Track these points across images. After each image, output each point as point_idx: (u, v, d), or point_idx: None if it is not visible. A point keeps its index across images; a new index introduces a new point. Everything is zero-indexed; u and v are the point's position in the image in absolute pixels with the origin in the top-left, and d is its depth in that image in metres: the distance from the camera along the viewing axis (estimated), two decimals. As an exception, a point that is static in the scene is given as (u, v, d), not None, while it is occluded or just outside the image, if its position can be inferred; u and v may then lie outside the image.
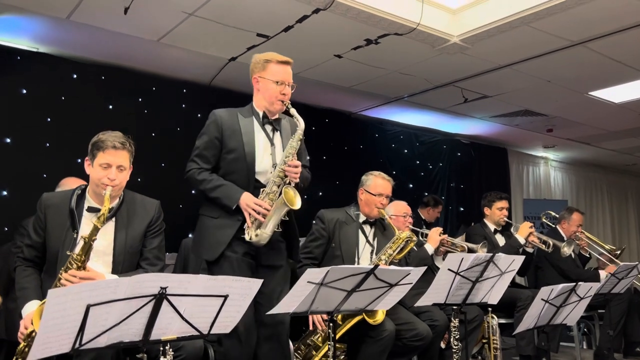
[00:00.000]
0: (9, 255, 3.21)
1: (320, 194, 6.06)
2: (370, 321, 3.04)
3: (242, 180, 2.71)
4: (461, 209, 7.69)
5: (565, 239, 4.96)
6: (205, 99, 5.48)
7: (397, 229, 3.44)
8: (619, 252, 5.00)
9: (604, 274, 4.59)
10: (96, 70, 4.96)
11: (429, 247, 3.96)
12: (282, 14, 4.03)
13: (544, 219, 5.65)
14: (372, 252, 3.44)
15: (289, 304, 2.23)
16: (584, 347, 5.23)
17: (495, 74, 5.19)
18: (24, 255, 2.46)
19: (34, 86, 4.62)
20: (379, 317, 3.05)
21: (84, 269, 2.25)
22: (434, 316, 3.49)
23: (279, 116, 2.84)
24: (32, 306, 2.28)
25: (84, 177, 2.57)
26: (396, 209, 4.14)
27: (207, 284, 1.82)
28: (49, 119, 4.68)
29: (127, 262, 2.46)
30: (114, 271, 2.42)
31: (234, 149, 2.72)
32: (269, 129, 2.79)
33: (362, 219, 3.50)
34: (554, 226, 5.21)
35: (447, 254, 3.85)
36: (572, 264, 4.85)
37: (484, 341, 3.80)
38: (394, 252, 3.34)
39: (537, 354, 4.11)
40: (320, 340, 3.13)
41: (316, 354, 3.10)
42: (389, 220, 3.44)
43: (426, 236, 4.12)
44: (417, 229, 4.26)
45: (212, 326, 1.90)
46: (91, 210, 2.43)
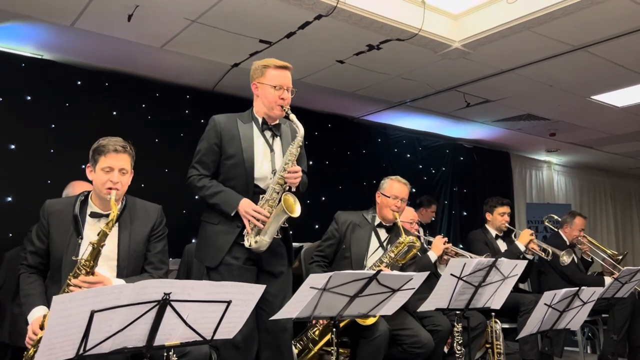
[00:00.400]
0: (17, 260, 3.22)
1: (323, 198, 6.07)
2: (360, 321, 3.03)
3: (241, 186, 2.72)
4: (464, 213, 7.68)
5: (567, 243, 4.96)
6: (208, 104, 5.49)
7: (406, 234, 3.45)
8: (620, 257, 4.99)
9: (608, 280, 4.58)
10: (100, 76, 4.98)
11: (432, 255, 3.96)
12: (285, 21, 4.05)
13: (546, 223, 5.66)
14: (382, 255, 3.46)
15: (291, 309, 2.23)
16: (588, 351, 5.22)
17: (497, 78, 5.19)
18: (27, 262, 2.48)
19: (38, 93, 4.65)
20: (370, 318, 3.04)
21: (92, 275, 2.28)
22: (436, 321, 3.50)
23: (278, 121, 2.85)
24: (38, 312, 2.30)
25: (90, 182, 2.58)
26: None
27: (211, 289, 1.83)
28: (53, 126, 4.70)
29: (131, 266, 2.48)
30: (118, 275, 2.45)
31: (233, 154, 2.73)
32: (268, 134, 2.80)
33: (377, 222, 3.53)
34: (556, 230, 5.20)
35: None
36: (575, 268, 4.85)
37: (488, 346, 3.80)
38: (396, 255, 3.35)
39: (541, 359, 4.10)
40: (317, 334, 3.17)
41: (314, 347, 3.16)
42: (400, 224, 3.45)
43: (430, 243, 4.12)
44: (422, 236, 4.27)
45: (215, 332, 1.91)
46: (94, 215, 2.46)
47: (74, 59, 4.80)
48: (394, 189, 3.50)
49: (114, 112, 5.03)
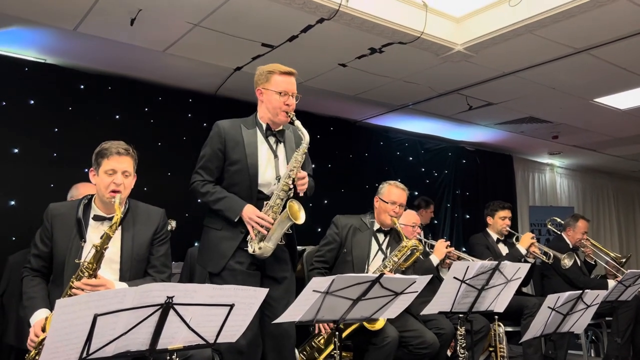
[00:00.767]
0: (21, 263, 3.22)
1: (325, 202, 6.06)
2: (369, 327, 3.04)
3: (244, 192, 2.71)
4: (467, 216, 7.67)
5: (570, 246, 4.94)
6: (210, 108, 5.52)
7: (405, 237, 3.45)
8: (624, 260, 4.98)
9: (612, 283, 4.56)
10: (103, 80, 5.00)
11: (435, 259, 3.96)
12: (287, 24, 4.06)
13: (549, 226, 5.64)
14: (384, 259, 3.46)
15: (294, 313, 2.23)
16: (592, 355, 5.20)
17: (499, 81, 5.19)
18: (31, 265, 2.48)
19: (42, 97, 4.66)
20: (378, 323, 3.05)
21: (95, 277, 2.28)
22: (440, 325, 3.49)
23: (282, 127, 2.84)
24: (40, 315, 2.30)
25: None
26: (406, 218, 4.15)
27: (213, 293, 1.83)
28: (56, 129, 4.71)
29: (134, 269, 2.49)
30: (121, 278, 2.45)
31: (236, 160, 2.72)
32: (272, 140, 2.79)
33: (376, 226, 3.53)
34: (559, 233, 5.19)
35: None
36: (578, 272, 4.84)
37: (491, 349, 3.78)
38: (400, 260, 3.34)
39: (545, 362, 4.09)
40: (322, 342, 3.16)
41: (319, 356, 3.14)
42: (400, 229, 3.45)
43: (432, 247, 4.12)
44: (424, 239, 4.27)
45: (218, 335, 1.91)
46: (97, 218, 2.47)
47: (77, 63, 4.82)
48: (392, 194, 3.49)
49: (117, 116, 5.05)
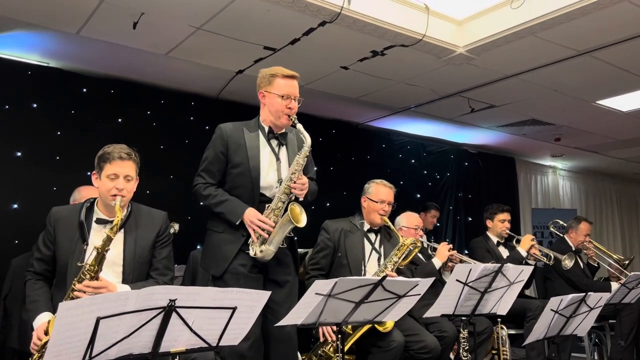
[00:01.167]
0: (24, 267, 3.22)
1: (327, 204, 6.06)
2: (380, 328, 3.04)
3: (247, 195, 2.71)
4: (469, 218, 7.66)
5: (573, 248, 4.93)
6: (213, 111, 5.53)
7: (401, 236, 3.45)
8: (627, 262, 4.96)
9: (615, 285, 4.55)
10: (105, 84, 5.01)
11: (437, 261, 3.95)
12: (289, 27, 4.06)
13: (551, 228, 5.63)
14: (378, 259, 3.46)
15: (297, 316, 2.23)
16: (595, 358, 5.18)
17: (501, 83, 5.19)
18: (34, 268, 2.49)
19: (44, 100, 4.68)
20: (389, 324, 3.05)
21: (96, 280, 2.28)
22: (442, 327, 3.48)
23: (285, 130, 2.84)
24: (43, 318, 2.31)
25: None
26: (408, 220, 4.15)
27: (216, 295, 1.83)
28: (59, 133, 4.73)
29: (136, 272, 2.49)
30: (124, 281, 2.46)
31: (239, 163, 2.72)
32: (274, 143, 2.80)
33: (366, 227, 3.52)
34: (562, 236, 5.18)
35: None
36: (581, 274, 4.82)
37: (494, 352, 3.78)
38: (400, 259, 3.35)
39: (548, 365, 4.08)
40: (331, 350, 3.13)
41: None
42: (392, 225, 3.45)
43: (435, 250, 4.11)
44: (427, 242, 4.26)
45: (220, 338, 1.91)
46: (100, 222, 2.47)
47: (80, 67, 4.83)
48: (380, 193, 3.48)
49: (120, 119, 5.06)
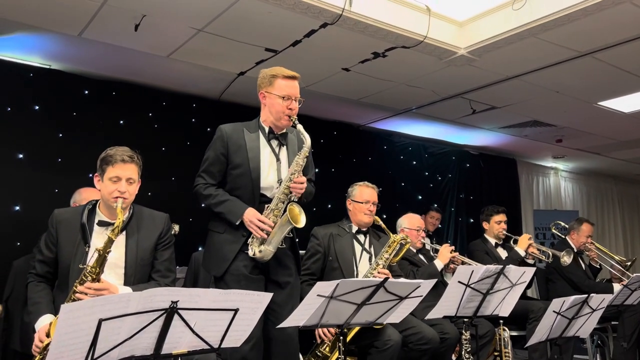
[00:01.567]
0: (25, 268, 3.23)
1: (329, 206, 6.06)
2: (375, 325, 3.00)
3: (247, 195, 2.72)
4: (471, 220, 7.65)
5: (575, 249, 4.93)
6: (214, 113, 5.53)
7: (392, 233, 3.45)
8: (629, 264, 4.96)
9: (617, 287, 4.54)
10: (107, 86, 5.02)
11: (439, 263, 3.95)
12: (290, 29, 4.07)
13: (553, 230, 5.63)
14: (370, 258, 3.48)
15: (299, 317, 2.23)
16: (598, 359, 5.17)
17: (503, 85, 5.18)
18: (36, 270, 2.49)
19: (46, 102, 4.68)
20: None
21: (98, 282, 2.28)
22: (444, 329, 3.48)
23: (285, 130, 2.84)
24: (45, 320, 2.31)
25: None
26: (410, 222, 4.15)
27: (218, 297, 1.83)
28: (61, 135, 4.73)
29: (138, 274, 2.49)
30: (126, 283, 2.46)
31: (239, 164, 2.73)
32: (274, 144, 2.80)
33: (354, 229, 3.55)
34: (563, 237, 5.18)
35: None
36: (584, 275, 4.82)
37: (496, 354, 3.77)
38: (390, 255, 3.35)
39: (550, 367, 4.07)
40: (327, 350, 3.15)
41: None
42: (383, 224, 3.45)
43: (437, 251, 4.11)
44: (429, 244, 4.26)
45: (222, 340, 1.91)
46: (102, 224, 2.47)
47: (82, 69, 4.84)
48: (364, 194, 3.53)
49: (121, 121, 5.06)
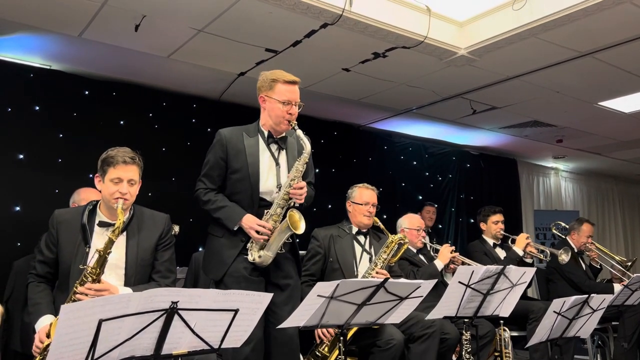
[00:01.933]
0: (26, 269, 3.23)
1: (329, 206, 6.06)
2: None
3: (246, 200, 2.72)
4: (471, 220, 7.65)
5: (575, 250, 4.93)
6: (215, 113, 5.53)
7: (390, 234, 3.46)
8: (630, 264, 4.96)
9: (618, 287, 4.53)
10: (107, 86, 5.02)
11: (439, 263, 3.96)
12: (291, 29, 4.07)
13: (554, 230, 5.63)
14: (370, 259, 3.49)
15: (299, 318, 2.23)
16: (599, 359, 5.16)
17: (503, 85, 5.18)
18: (36, 271, 2.49)
19: (47, 103, 4.68)
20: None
21: (98, 282, 2.28)
22: (445, 329, 3.47)
23: (285, 133, 2.83)
24: (45, 321, 2.31)
25: (98, 189, 2.59)
26: (410, 222, 4.15)
27: (218, 298, 1.82)
28: (61, 135, 4.73)
29: (139, 275, 2.49)
30: (126, 284, 2.46)
31: (238, 169, 2.73)
32: (274, 148, 2.80)
33: (354, 230, 3.56)
34: (564, 237, 5.17)
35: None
36: (584, 276, 4.81)
37: (497, 354, 3.77)
38: (388, 255, 3.37)
39: (551, 367, 4.07)
40: (326, 350, 3.16)
41: None
42: (382, 225, 3.46)
43: (437, 251, 4.11)
44: (430, 244, 4.26)
45: (222, 340, 1.91)
46: (102, 225, 2.47)
47: (82, 69, 4.84)
48: (364, 195, 3.55)
49: (121, 122, 5.07)
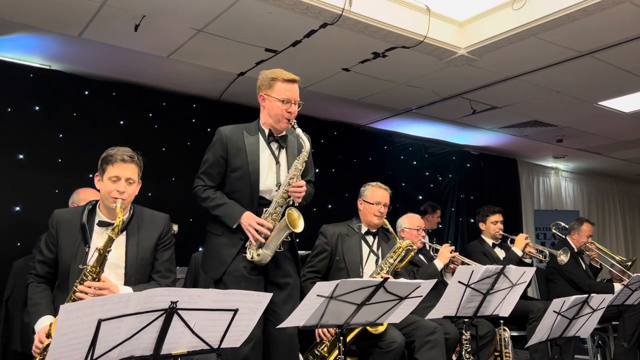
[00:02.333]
0: (26, 269, 3.23)
1: (329, 206, 6.06)
2: (371, 330, 3.02)
3: (246, 198, 2.72)
4: (471, 220, 7.64)
5: (575, 249, 4.92)
6: (214, 113, 5.53)
7: (399, 238, 3.46)
8: (629, 264, 4.96)
9: (618, 286, 4.53)
10: (107, 86, 5.01)
11: (439, 263, 3.95)
12: (290, 29, 4.07)
13: (554, 230, 5.63)
14: (376, 261, 3.47)
15: (298, 318, 2.22)
16: (599, 359, 5.16)
17: (503, 85, 5.18)
18: (36, 271, 2.49)
19: (46, 103, 4.68)
20: (380, 327, 3.03)
21: (98, 281, 2.28)
22: (445, 329, 3.47)
23: (285, 132, 2.84)
24: (45, 321, 2.31)
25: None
26: (410, 222, 4.15)
27: (217, 298, 1.83)
28: (61, 135, 4.73)
29: (139, 275, 2.49)
30: (126, 283, 2.46)
31: (238, 167, 2.73)
32: (274, 146, 2.80)
33: (364, 229, 3.54)
34: (564, 237, 5.17)
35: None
36: (584, 275, 4.81)
37: (497, 354, 3.77)
38: (395, 261, 3.36)
39: (551, 367, 4.07)
40: (326, 350, 3.15)
41: None
42: (390, 228, 3.46)
43: (437, 251, 4.11)
44: (429, 244, 4.26)
45: (222, 340, 1.91)
46: (102, 224, 2.47)
47: (82, 69, 4.84)
48: (376, 195, 3.52)
49: (121, 122, 5.06)
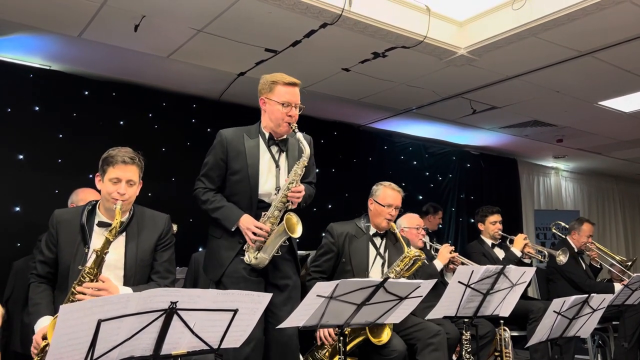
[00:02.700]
0: (26, 269, 3.23)
1: (329, 206, 6.06)
2: (374, 341, 2.99)
3: (245, 201, 2.73)
4: (471, 220, 7.64)
5: (575, 249, 4.92)
6: (214, 113, 5.53)
7: (406, 245, 3.42)
8: (630, 263, 4.95)
9: (618, 286, 4.53)
10: (107, 86, 5.01)
11: (438, 263, 3.94)
12: (290, 29, 4.07)
13: (554, 230, 5.62)
14: (383, 264, 3.41)
15: (298, 318, 2.22)
16: (599, 359, 5.16)
17: (503, 85, 5.18)
18: (37, 271, 2.49)
19: (46, 103, 4.68)
20: (384, 337, 3.01)
21: (96, 282, 2.28)
22: (445, 329, 3.46)
23: (286, 136, 2.84)
24: (44, 321, 2.31)
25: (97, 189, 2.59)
26: (409, 221, 4.14)
27: (217, 298, 1.82)
28: (61, 135, 4.73)
29: (138, 275, 2.49)
30: (125, 284, 2.45)
31: (238, 170, 2.74)
32: (274, 150, 2.80)
33: (372, 231, 3.46)
34: (564, 237, 5.17)
35: None
36: (584, 275, 4.81)
37: (497, 354, 3.76)
38: (402, 269, 3.31)
39: (551, 367, 4.07)
40: (327, 355, 3.10)
41: None
42: (400, 234, 3.43)
43: (437, 251, 4.10)
44: (430, 243, 4.25)
45: (222, 340, 1.91)
46: (102, 225, 2.47)
47: (82, 70, 4.84)
48: (388, 197, 3.40)
49: (121, 122, 5.06)
